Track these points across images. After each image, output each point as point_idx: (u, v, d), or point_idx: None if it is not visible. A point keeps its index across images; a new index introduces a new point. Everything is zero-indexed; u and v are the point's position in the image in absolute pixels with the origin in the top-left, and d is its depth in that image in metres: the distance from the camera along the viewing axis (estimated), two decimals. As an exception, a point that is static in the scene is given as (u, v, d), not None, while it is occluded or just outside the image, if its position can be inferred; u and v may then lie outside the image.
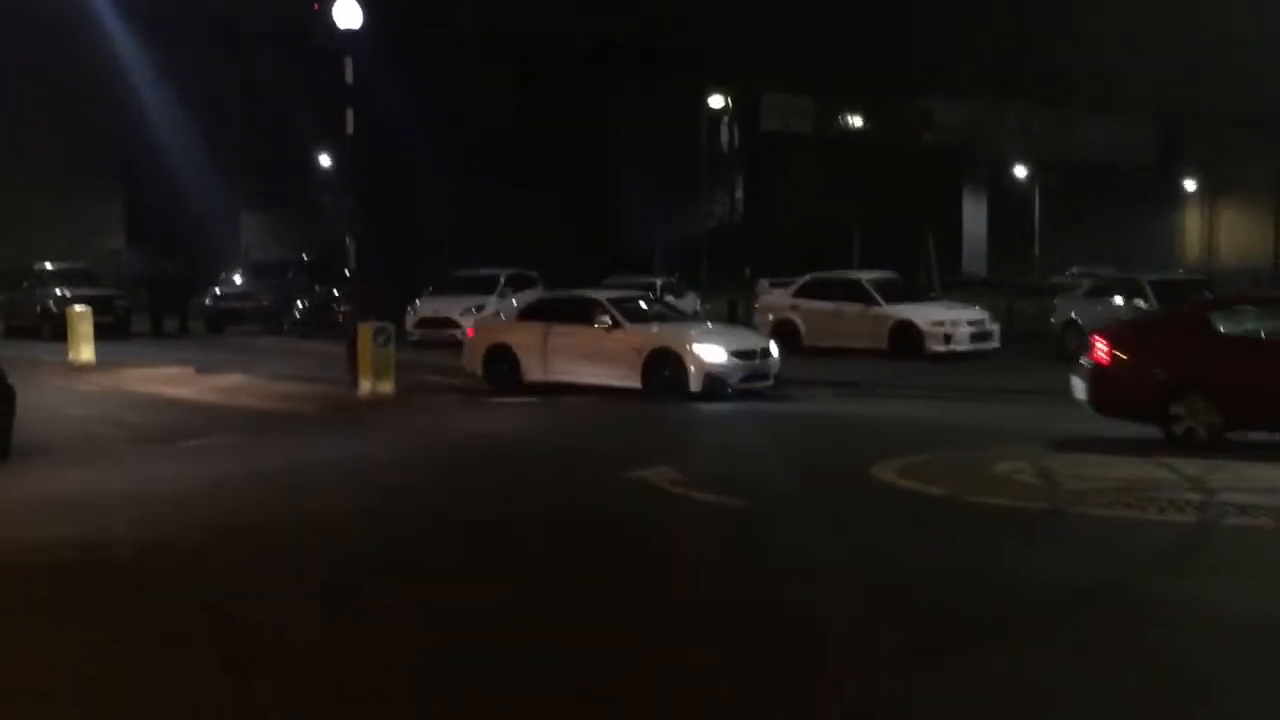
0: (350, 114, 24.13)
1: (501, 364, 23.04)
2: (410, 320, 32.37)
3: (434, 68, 50.79)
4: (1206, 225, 74.52)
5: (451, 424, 19.83)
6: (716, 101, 49.66)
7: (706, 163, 51.70)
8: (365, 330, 22.65)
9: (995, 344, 28.77)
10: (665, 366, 21.31)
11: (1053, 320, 29.72)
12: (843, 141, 55.95)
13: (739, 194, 53.06)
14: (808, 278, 31.16)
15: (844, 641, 8.52)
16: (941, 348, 27.78)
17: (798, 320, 29.83)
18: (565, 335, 22.65)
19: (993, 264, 66.50)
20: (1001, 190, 70.66)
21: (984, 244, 71.15)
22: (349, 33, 23.78)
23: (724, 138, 52.34)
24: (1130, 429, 16.34)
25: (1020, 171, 68.62)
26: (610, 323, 22.21)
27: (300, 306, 37.74)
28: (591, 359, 22.26)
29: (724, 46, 53.32)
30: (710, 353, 21.40)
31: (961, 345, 28.07)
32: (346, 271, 27.28)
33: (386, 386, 22.30)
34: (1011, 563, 10.52)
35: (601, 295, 24.20)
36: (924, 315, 28.62)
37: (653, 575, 10.42)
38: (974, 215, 72.15)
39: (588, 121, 58.51)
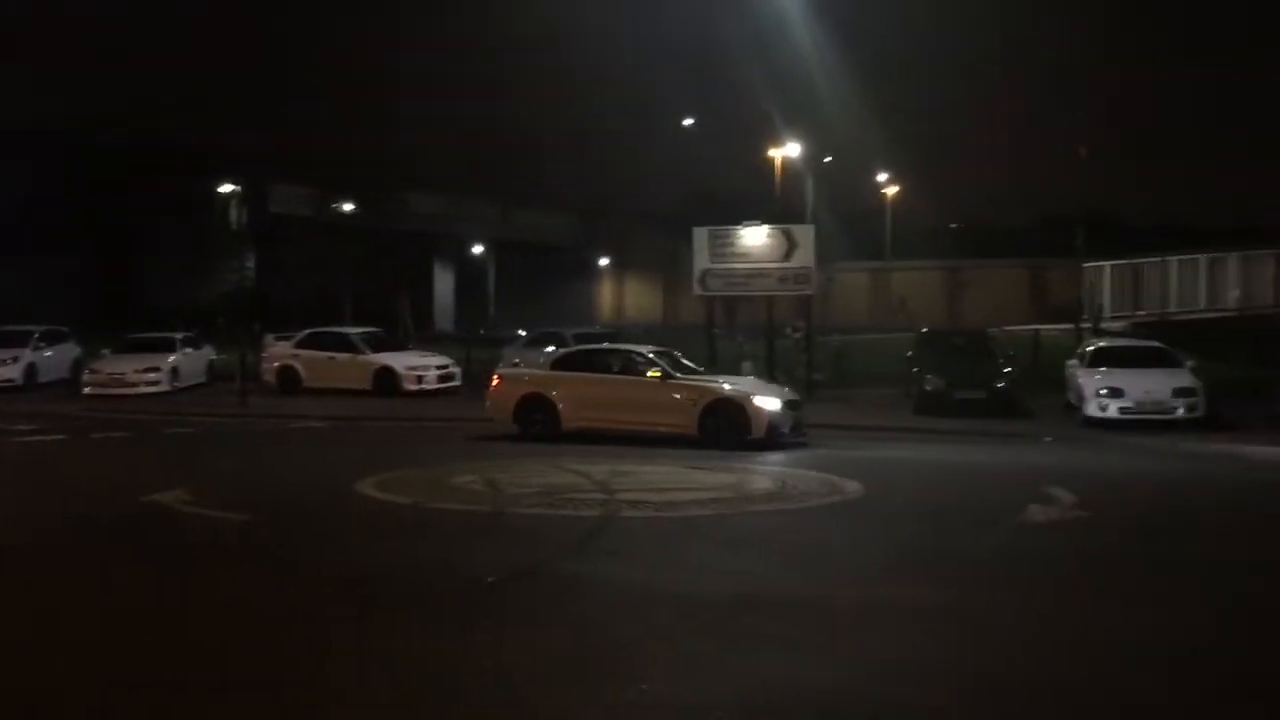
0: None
1: (535, 413, 19.65)
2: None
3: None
4: (616, 291, 78.51)
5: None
6: (226, 188, 47.79)
7: (221, 238, 49.57)
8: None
9: (458, 383, 28.96)
10: (724, 416, 18.64)
11: (501, 365, 30.19)
12: (336, 223, 55.43)
13: (249, 265, 51.00)
14: (306, 332, 30.33)
15: (285, 630, 8.23)
16: (415, 387, 27.76)
17: (299, 366, 28.98)
18: (614, 386, 19.73)
19: (459, 322, 67.30)
20: (465, 263, 71.94)
21: (451, 306, 71.91)
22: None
23: (235, 218, 50.41)
24: (551, 448, 16.83)
25: (478, 249, 70.33)
26: (662, 374, 19.30)
27: None
28: (643, 409, 19.16)
29: (237, 143, 51.63)
30: (770, 403, 18.86)
31: (431, 385, 28.15)
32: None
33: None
34: (458, 556, 10.52)
35: (644, 349, 21.13)
36: (400, 361, 28.55)
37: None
38: (443, 282, 72.81)
39: (115, 205, 54.60)
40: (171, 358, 29.70)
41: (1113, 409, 21.40)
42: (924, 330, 30.36)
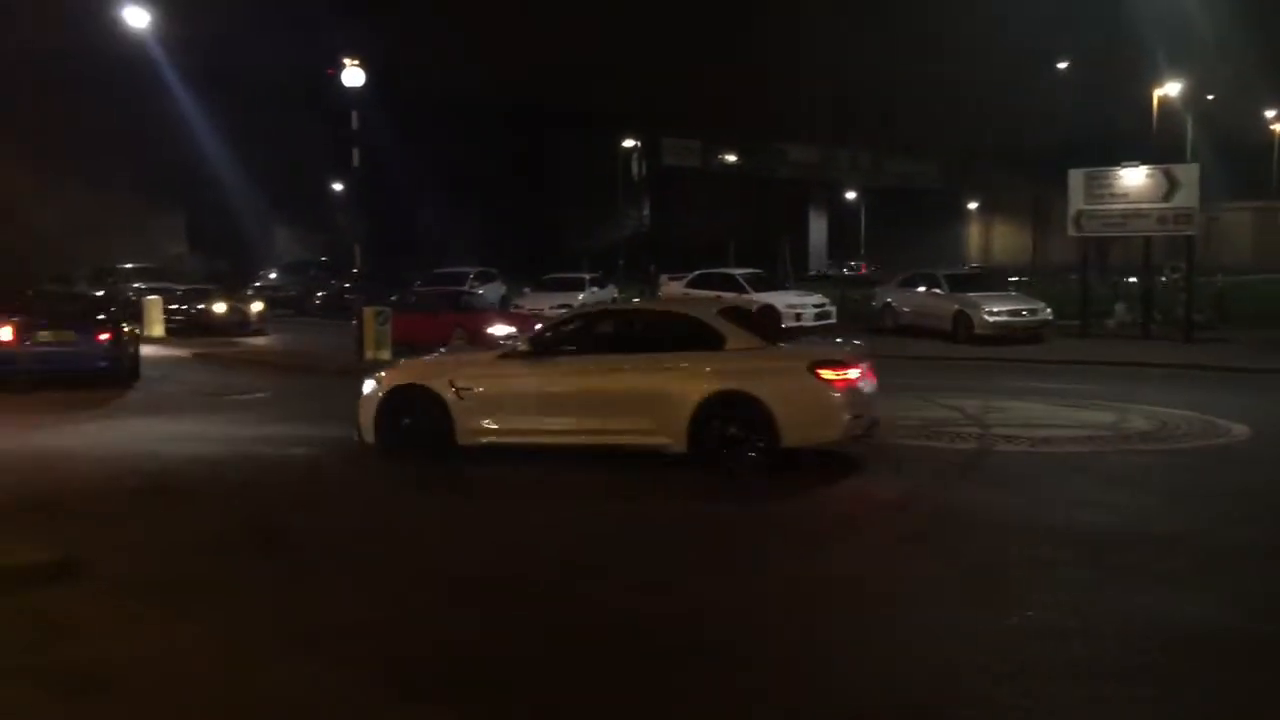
0: (355, 153, 23.78)
1: None
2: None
3: (422, 120, 50.51)
4: (984, 233, 75.61)
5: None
6: (628, 143, 49.72)
7: (621, 189, 51.76)
8: (369, 312, 22.42)
9: (833, 320, 28.90)
10: None
11: (874, 303, 29.88)
12: (719, 173, 56.50)
13: (646, 211, 53.03)
14: (696, 273, 31.17)
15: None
16: (794, 324, 27.93)
17: (690, 304, 29.90)
18: None
19: (831, 263, 67.16)
20: (837, 208, 71.41)
21: (824, 248, 71.77)
22: (354, 91, 23.46)
23: (634, 170, 52.33)
24: (913, 382, 16.51)
25: (850, 195, 69.56)
26: None
27: (320, 295, 37.48)
28: None
29: (634, 103, 53.55)
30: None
31: (808, 322, 28.24)
32: (355, 269, 26.98)
33: (385, 354, 22.06)
34: (837, 481, 10.64)
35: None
36: (780, 300, 28.77)
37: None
38: (817, 227, 72.74)
39: (533, 159, 58.46)
40: (581, 295, 31.40)
41: None
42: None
